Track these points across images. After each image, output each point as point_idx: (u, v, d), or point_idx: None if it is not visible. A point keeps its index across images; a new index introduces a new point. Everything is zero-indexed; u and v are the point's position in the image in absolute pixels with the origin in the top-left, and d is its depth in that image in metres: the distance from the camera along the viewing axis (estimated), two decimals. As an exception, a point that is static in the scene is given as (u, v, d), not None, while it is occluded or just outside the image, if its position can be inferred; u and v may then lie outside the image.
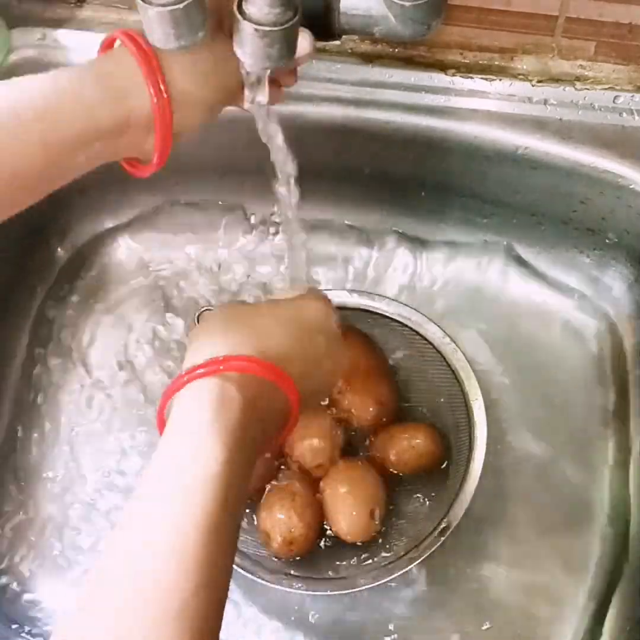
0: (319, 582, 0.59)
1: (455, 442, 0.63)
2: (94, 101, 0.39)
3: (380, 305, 0.67)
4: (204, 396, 0.36)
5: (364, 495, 0.59)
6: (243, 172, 0.71)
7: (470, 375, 0.63)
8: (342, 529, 0.59)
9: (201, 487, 0.33)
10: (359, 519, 0.58)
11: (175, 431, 0.36)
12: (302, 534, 0.58)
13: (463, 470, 0.59)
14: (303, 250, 0.56)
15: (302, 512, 0.58)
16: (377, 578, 0.57)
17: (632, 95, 0.62)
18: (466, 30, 0.62)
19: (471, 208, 0.70)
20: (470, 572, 0.62)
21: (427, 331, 0.65)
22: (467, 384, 0.62)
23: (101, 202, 0.74)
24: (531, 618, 0.61)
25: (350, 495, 0.59)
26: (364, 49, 0.65)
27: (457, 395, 0.63)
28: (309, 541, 0.59)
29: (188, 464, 0.34)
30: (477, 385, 0.62)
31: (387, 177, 0.70)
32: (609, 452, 0.65)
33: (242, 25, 0.39)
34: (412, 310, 0.66)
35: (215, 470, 0.34)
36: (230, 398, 0.36)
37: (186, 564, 0.32)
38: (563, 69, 0.63)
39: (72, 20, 0.69)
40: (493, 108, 0.63)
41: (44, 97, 0.38)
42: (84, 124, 0.39)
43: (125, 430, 0.68)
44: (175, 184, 0.74)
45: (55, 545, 0.65)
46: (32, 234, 0.71)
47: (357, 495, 0.59)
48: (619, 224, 0.65)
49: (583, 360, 0.69)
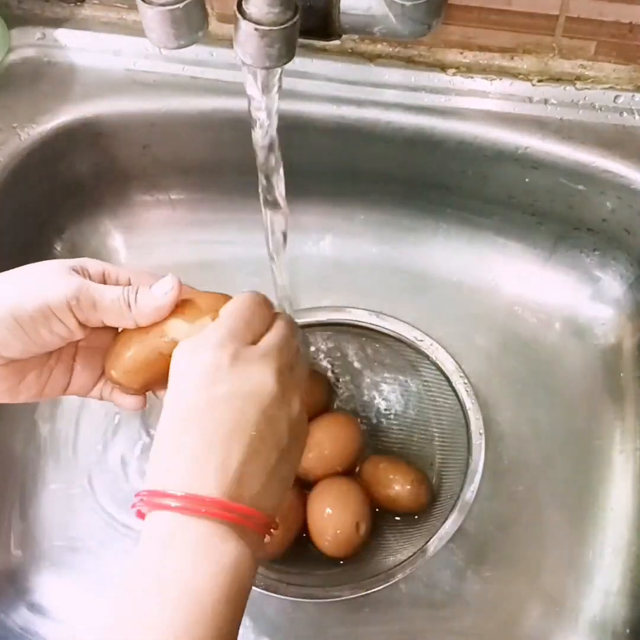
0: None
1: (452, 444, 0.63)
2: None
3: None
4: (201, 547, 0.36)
5: (349, 508, 0.59)
6: (244, 172, 0.71)
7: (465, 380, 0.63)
8: (325, 543, 0.58)
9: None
10: (342, 532, 0.58)
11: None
12: (278, 535, 0.57)
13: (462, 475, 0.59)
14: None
15: (284, 515, 0.58)
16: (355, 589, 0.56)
17: (633, 94, 0.62)
18: (466, 30, 0.62)
19: (471, 208, 0.70)
20: (471, 573, 0.62)
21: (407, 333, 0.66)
22: (463, 394, 0.63)
23: (100, 201, 0.74)
24: (531, 619, 0.61)
25: (335, 508, 0.59)
26: (364, 48, 0.65)
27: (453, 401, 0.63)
28: (283, 544, 0.58)
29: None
30: (474, 395, 0.63)
31: (387, 177, 0.70)
32: (610, 452, 0.65)
33: (242, 24, 0.39)
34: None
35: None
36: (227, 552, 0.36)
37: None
38: (563, 68, 0.63)
39: (71, 19, 0.69)
40: (493, 108, 0.63)
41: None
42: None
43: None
44: (176, 184, 0.74)
45: (58, 547, 0.65)
46: (31, 233, 0.71)
47: (342, 508, 0.59)
48: (620, 224, 0.65)
49: (583, 361, 0.69)
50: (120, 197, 0.75)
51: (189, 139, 0.69)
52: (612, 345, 0.69)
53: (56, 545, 0.65)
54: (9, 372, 0.43)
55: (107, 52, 0.68)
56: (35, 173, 0.67)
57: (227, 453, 0.37)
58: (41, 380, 0.44)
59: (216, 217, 0.76)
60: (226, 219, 0.75)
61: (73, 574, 0.64)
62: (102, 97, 0.66)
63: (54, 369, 0.45)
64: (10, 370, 0.43)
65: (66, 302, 0.40)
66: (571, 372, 0.69)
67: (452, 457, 0.63)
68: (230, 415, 0.38)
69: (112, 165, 0.71)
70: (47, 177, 0.69)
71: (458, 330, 0.69)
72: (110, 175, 0.72)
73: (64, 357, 0.45)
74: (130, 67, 0.67)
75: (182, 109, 0.67)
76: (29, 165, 0.66)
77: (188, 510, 0.36)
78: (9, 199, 0.65)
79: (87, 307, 0.41)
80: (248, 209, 0.75)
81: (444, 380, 0.65)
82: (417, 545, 0.58)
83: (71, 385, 0.46)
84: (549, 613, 0.61)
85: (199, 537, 0.36)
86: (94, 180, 0.72)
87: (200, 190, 0.75)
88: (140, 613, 0.34)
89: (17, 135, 0.65)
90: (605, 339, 0.69)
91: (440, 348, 0.65)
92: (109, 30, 0.68)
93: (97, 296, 0.41)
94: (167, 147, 0.70)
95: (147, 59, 0.67)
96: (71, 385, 0.46)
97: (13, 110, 0.66)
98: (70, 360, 0.46)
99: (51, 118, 0.65)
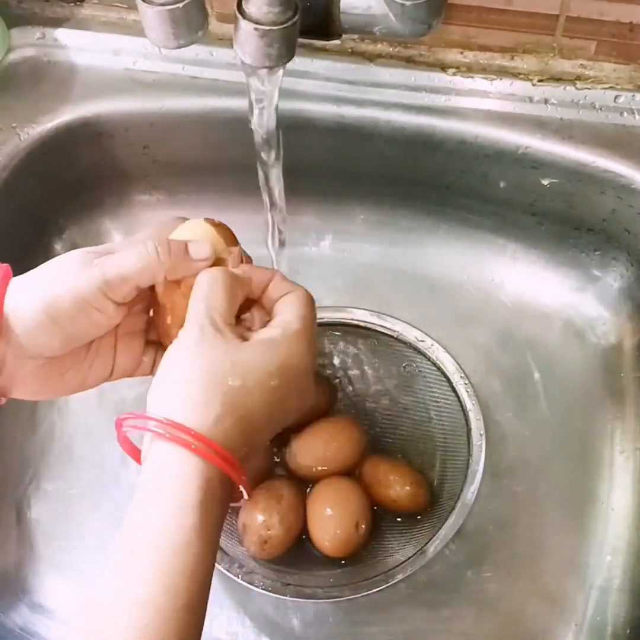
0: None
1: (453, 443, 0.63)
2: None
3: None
4: (191, 471, 0.36)
5: (349, 509, 0.59)
6: (244, 172, 0.70)
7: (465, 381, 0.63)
8: (325, 543, 0.58)
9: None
10: (342, 532, 0.58)
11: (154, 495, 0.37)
12: (278, 535, 0.57)
13: (463, 475, 0.59)
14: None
15: (284, 515, 0.58)
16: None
17: (633, 94, 0.62)
18: (467, 30, 0.62)
19: (471, 208, 0.70)
20: (471, 574, 0.62)
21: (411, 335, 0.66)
22: (464, 394, 0.63)
23: (100, 201, 0.74)
24: (531, 619, 0.61)
25: (334, 508, 0.59)
26: (364, 48, 0.65)
27: (453, 402, 0.63)
28: (283, 544, 0.58)
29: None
30: (474, 395, 0.63)
31: (387, 177, 0.70)
32: (610, 452, 0.65)
33: (241, 24, 0.39)
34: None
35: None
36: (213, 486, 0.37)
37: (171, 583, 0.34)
38: (564, 68, 0.63)
39: (71, 19, 0.69)
40: (494, 107, 0.63)
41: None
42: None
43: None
44: (176, 184, 0.74)
45: (58, 547, 0.65)
46: (31, 233, 0.71)
47: (342, 509, 0.59)
48: (620, 223, 0.65)
49: (583, 361, 0.69)
50: (120, 197, 0.75)
51: (189, 139, 0.69)
52: (612, 345, 0.69)
53: (56, 545, 0.65)
54: (49, 371, 0.43)
55: (107, 52, 0.68)
56: (35, 173, 0.67)
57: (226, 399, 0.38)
58: (81, 374, 0.44)
59: (216, 217, 0.75)
60: (226, 218, 0.75)
61: (73, 574, 0.64)
62: (102, 97, 0.66)
63: (94, 360, 0.45)
64: (50, 368, 0.43)
65: (98, 289, 0.40)
66: (571, 372, 0.69)
67: (453, 457, 0.63)
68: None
69: (112, 165, 0.71)
70: (47, 177, 0.69)
71: (458, 330, 0.69)
72: (110, 175, 0.72)
73: (102, 349, 0.45)
74: (130, 67, 0.67)
75: (182, 108, 0.66)
76: (29, 165, 0.66)
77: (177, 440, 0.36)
78: (9, 199, 0.65)
79: (118, 284, 0.41)
80: (248, 209, 0.75)
81: (444, 381, 0.65)
82: (417, 546, 0.58)
83: (114, 374, 0.46)
84: (549, 613, 0.60)
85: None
86: (94, 180, 0.72)
87: (200, 190, 0.75)
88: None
89: (17, 135, 0.65)
90: (605, 339, 0.69)
91: (441, 348, 0.65)
92: (109, 30, 0.68)
93: (122, 267, 0.41)
94: (167, 147, 0.70)
95: (147, 59, 0.67)
96: (114, 374, 0.46)
97: (13, 110, 0.66)
98: (111, 350, 0.45)
99: (51, 118, 0.65)
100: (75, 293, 0.40)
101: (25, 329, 0.40)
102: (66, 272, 0.41)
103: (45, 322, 0.40)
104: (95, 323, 0.41)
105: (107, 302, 0.41)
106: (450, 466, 0.63)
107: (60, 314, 0.40)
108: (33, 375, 0.42)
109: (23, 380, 0.42)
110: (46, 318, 0.40)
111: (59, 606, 0.63)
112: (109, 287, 0.41)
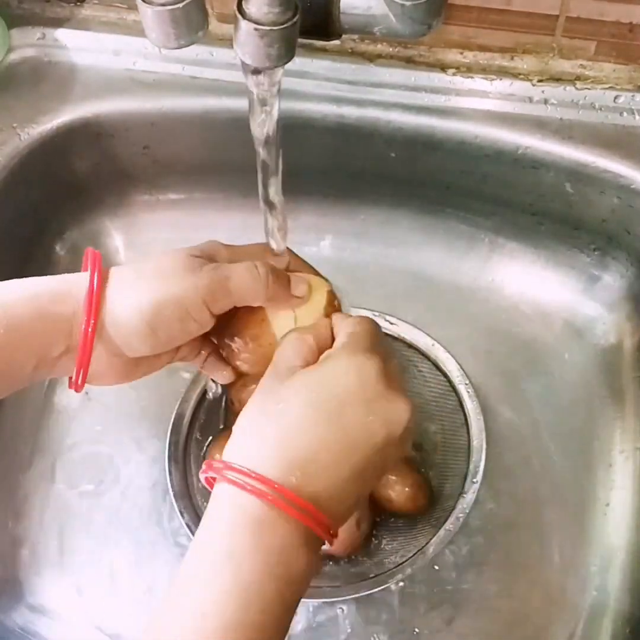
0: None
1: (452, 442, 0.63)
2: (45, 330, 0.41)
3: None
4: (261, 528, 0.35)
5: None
6: (244, 172, 0.70)
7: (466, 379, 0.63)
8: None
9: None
10: (343, 531, 0.58)
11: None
12: None
13: (463, 475, 0.59)
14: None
15: None
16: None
17: (633, 94, 0.62)
18: (466, 30, 0.62)
19: (471, 208, 0.70)
20: (471, 574, 0.62)
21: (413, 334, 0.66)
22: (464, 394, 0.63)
23: (100, 201, 0.74)
24: (531, 619, 0.61)
25: None
26: (364, 48, 0.65)
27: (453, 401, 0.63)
28: None
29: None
30: (475, 395, 0.63)
31: (387, 176, 0.70)
32: (610, 452, 0.65)
33: (241, 24, 0.39)
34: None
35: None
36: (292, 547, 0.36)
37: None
38: (563, 68, 0.63)
39: (71, 19, 0.69)
40: (493, 107, 0.63)
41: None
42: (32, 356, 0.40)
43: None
44: (176, 184, 0.74)
45: (58, 547, 0.65)
46: (31, 233, 0.71)
47: None
48: (620, 224, 0.65)
49: (583, 361, 0.69)
50: (120, 197, 0.75)
51: (189, 139, 0.69)
52: (612, 345, 0.69)
53: (56, 545, 0.65)
54: (128, 363, 0.43)
55: (107, 52, 0.68)
56: (35, 173, 0.67)
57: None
58: (151, 363, 0.45)
59: (216, 217, 0.76)
60: (226, 218, 0.75)
61: (73, 574, 0.64)
62: (102, 97, 0.66)
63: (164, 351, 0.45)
64: (129, 361, 0.43)
65: (202, 300, 0.41)
66: (571, 372, 0.69)
67: (453, 457, 0.63)
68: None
69: (112, 165, 0.71)
70: (47, 177, 0.69)
71: (458, 330, 0.69)
72: (110, 175, 0.72)
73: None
74: (130, 67, 0.67)
75: (182, 108, 0.67)
76: (29, 165, 0.66)
77: (254, 491, 0.35)
78: (9, 199, 0.65)
79: (222, 298, 0.41)
80: (248, 209, 0.75)
81: (444, 381, 0.65)
82: (417, 546, 0.58)
83: (175, 359, 0.47)
84: (549, 613, 0.60)
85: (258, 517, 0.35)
86: (94, 181, 0.72)
87: (200, 190, 0.75)
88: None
89: (17, 135, 0.65)
90: (605, 339, 0.69)
91: (441, 348, 0.65)
92: (109, 30, 0.68)
93: (230, 282, 0.41)
94: (167, 147, 0.70)
95: (147, 59, 0.67)
96: (175, 359, 0.47)
97: (13, 110, 0.66)
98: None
99: (51, 118, 0.65)
100: (180, 303, 0.40)
101: (123, 334, 0.41)
102: (172, 276, 0.41)
103: (144, 331, 0.40)
104: (188, 332, 0.42)
105: (205, 313, 0.41)
106: (451, 466, 0.63)
107: (160, 325, 0.40)
108: (113, 367, 0.43)
109: (104, 373, 0.43)
110: (147, 328, 0.40)
111: (59, 606, 0.63)
112: (213, 299, 0.41)
